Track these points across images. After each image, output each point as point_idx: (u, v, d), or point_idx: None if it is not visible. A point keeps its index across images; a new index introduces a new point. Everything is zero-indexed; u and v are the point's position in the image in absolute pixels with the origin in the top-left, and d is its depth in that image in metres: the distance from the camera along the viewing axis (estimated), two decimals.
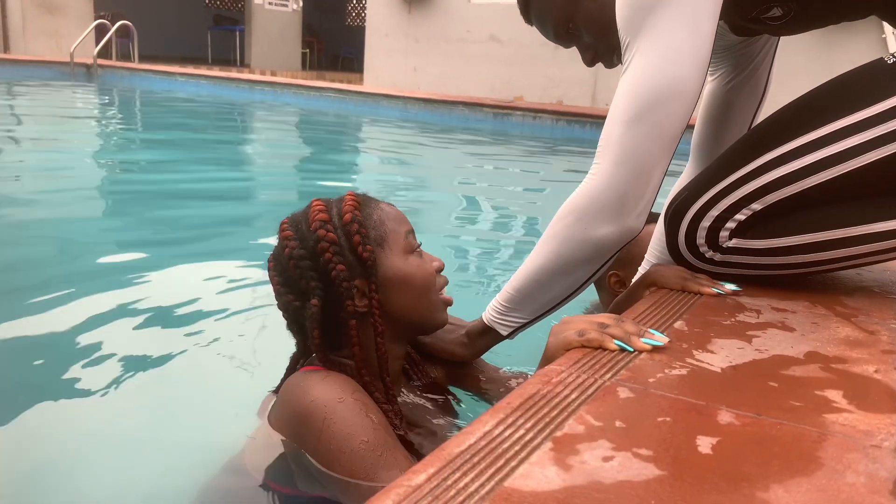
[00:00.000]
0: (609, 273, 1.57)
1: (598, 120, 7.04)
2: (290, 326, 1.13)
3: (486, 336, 1.24)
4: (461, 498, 0.59)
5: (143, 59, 11.39)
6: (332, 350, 1.09)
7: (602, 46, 1.26)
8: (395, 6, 10.46)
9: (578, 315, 1.00)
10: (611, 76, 9.12)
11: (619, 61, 1.24)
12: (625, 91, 1.05)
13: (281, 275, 1.09)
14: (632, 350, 0.92)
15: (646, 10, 1.02)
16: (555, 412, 0.74)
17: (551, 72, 8.97)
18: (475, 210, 3.97)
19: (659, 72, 1.03)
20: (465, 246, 3.15)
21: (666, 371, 0.86)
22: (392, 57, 10.55)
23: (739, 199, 1.20)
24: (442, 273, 1.16)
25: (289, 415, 1.02)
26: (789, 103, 1.21)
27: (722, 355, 0.92)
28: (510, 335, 1.23)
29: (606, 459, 0.65)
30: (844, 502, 0.59)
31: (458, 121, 7.77)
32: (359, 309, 1.07)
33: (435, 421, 1.19)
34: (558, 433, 0.70)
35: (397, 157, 5.98)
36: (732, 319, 1.07)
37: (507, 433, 0.69)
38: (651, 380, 0.83)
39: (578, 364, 0.87)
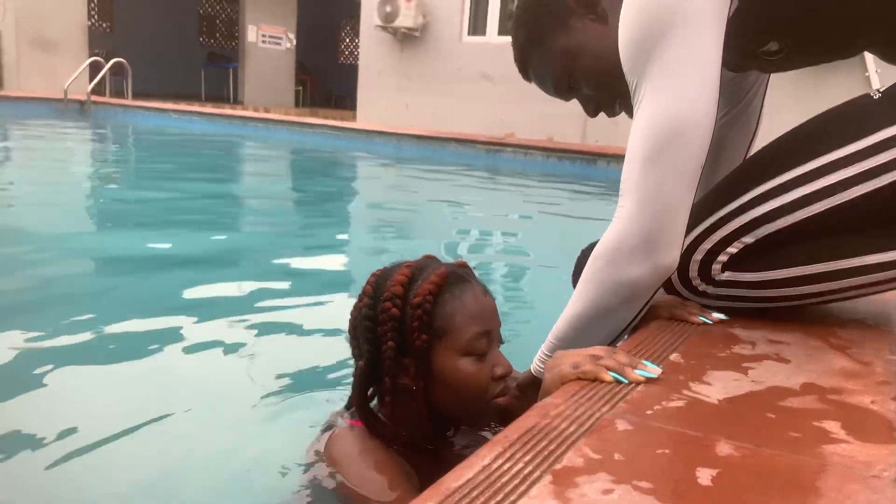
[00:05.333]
0: None
1: (587, 156, 7.13)
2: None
3: (536, 387, 1.22)
4: None
5: (137, 96, 11.47)
6: (373, 401, 1.14)
7: (603, 96, 1.26)
8: (387, 44, 10.61)
9: (572, 349, 1.01)
10: (601, 114, 9.25)
11: (623, 110, 1.25)
12: (640, 132, 1.06)
13: (352, 317, 1.14)
14: (626, 382, 0.92)
15: (650, 48, 1.03)
16: (553, 445, 0.74)
17: (542, 109, 9.02)
18: (470, 243, 3.98)
19: (672, 109, 1.03)
20: None
21: (663, 403, 0.85)
22: (385, 94, 10.67)
23: (731, 231, 1.21)
24: (504, 377, 1.11)
25: (324, 461, 1.11)
26: (779, 138, 1.23)
27: (718, 387, 0.92)
28: None
29: (606, 492, 0.65)
30: None
31: (451, 157, 7.83)
32: (398, 386, 1.09)
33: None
34: (557, 466, 0.69)
35: (391, 192, 6.02)
36: (728, 351, 1.07)
37: (505, 466, 0.69)
38: (649, 412, 0.83)
39: (576, 397, 0.87)
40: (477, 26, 10.24)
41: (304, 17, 15.25)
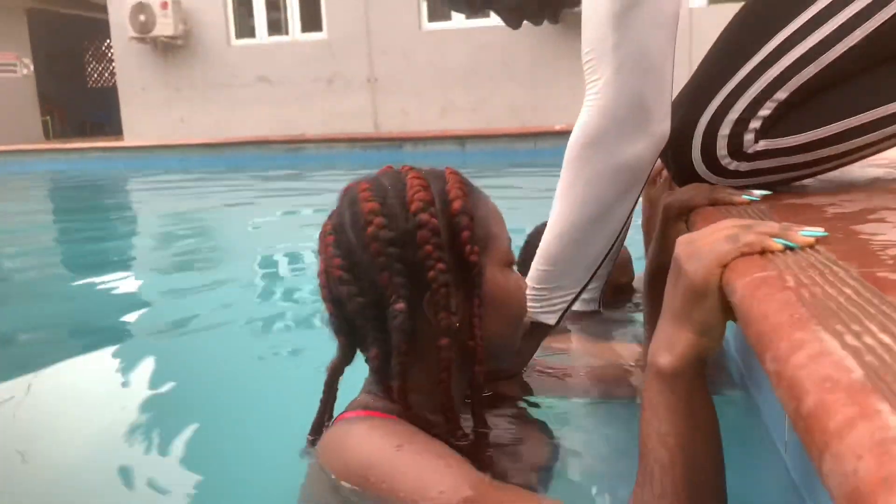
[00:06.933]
0: None
1: (393, 142, 6.99)
2: (336, 324, 0.85)
3: (530, 336, 1.02)
4: None
5: None
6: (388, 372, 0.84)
7: (531, 5, 1.11)
8: (147, 56, 9.68)
9: (697, 233, 0.77)
10: (389, 103, 9.12)
11: (550, 17, 1.12)
12: None
13: (348, 257, 0.82)
14: (796, 247, 0.71)
15: None
16: (869, 309, 0.50)
17: (329, 106, 8.78)
18: (286, 254, 3.42)
19: None
20: (276, 287, 2.78)
21: (876, 255, 0.66)
22: (153, 111, 9.72)
23: (760, 91, 1.06)
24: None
25: (344, 480, 0.78)
26: None
27: (883, 231, 0.74)
28: (558, 322, 1.02)
29: None
30: None
31: (248, 162, 7.26)
32: (440, 330, 0.82)
33: (514, 436, 0.96)
34: None
35: (190, 210, 5.22)
36: (828, 212, 0.91)
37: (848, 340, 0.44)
38: (888, 262, 0.63)
39: (769, 272, 0.64)
40: (243, 29, 9.68)
41: (39, 44, 13.44)
